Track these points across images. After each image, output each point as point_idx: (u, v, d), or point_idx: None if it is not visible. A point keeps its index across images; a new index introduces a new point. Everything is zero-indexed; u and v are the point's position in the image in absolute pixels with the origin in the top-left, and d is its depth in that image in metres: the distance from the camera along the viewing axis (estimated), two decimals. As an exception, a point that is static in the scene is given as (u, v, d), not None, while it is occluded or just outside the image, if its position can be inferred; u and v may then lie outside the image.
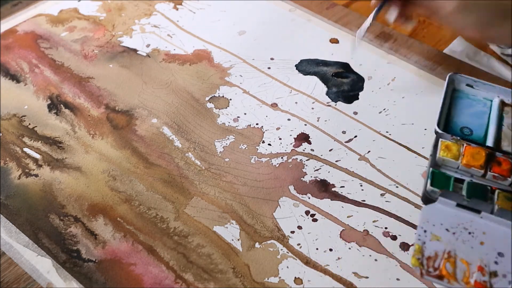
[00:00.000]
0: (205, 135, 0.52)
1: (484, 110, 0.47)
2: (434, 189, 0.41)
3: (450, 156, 0.42)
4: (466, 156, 0.42)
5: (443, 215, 0.39)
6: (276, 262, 0.43)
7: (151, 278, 0.42)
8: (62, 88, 0.57)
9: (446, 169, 0.43)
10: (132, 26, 0.65)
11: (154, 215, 0.46)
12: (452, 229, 0.38)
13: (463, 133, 0.45)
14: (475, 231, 0.38)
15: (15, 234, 0.45)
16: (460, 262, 0.37)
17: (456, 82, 0.48)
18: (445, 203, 0.40)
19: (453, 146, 0.43)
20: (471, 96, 0.48)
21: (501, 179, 0.41)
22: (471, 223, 0.39)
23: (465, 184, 0.41)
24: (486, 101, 0.47)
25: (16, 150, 0.51)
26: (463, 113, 0.47)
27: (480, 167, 0.42)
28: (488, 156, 0.42)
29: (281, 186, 0.48)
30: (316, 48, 0.61)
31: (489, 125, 0.45)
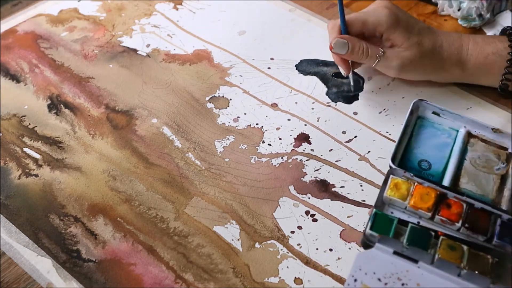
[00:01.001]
0: (205, 135, 0.52)
1: (448, 141, 0.44)
2: (373, 234, 0.38)
3: (397, 196, 0.40)
4: (415, 196, 0.39)
5: (378, 262, 0.36)
6: (276, 262, 0.43)
7: (151, 278, 0.42)
8: (62, 88, 0.57)
9: (394, 209, 0.40)
10: (132, 26, 0.65)
11: (154, 215, 0.46)
12: (385, 279, 0.36)
13: (421, 167, 0.43)
14: (409, 282, 0.36)
15: (15, 234, 0.45)
16: None
17: (421, 109, 0.46)
18: (382, 249, 0.37)
19: (403, 184, 0.40)
20: (436, 125, 0.45)
21: (449, 223, 0.39)
22: (406, 273, 0.36)
23: (407, 230, 0.38)
24: (452, 131, 0.45)
25: (16, 150, 0.51)
26: (425, 144, 0.44)
27: (427, 210, 0.39)
28: (439, 197, 0.40)
29: (281, 186, 0.48)
30: (316, 48, 0.61)
31: (450, 159, 0.43)
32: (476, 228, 0.38)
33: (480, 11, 0.60)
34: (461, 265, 0.36)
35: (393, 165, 0.41)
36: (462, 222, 0.39)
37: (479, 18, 0.61)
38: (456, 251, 0.37)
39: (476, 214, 0.39)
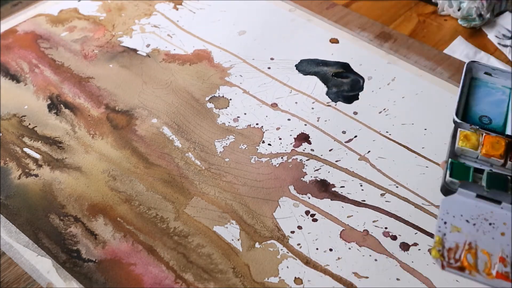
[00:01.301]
0: (205, 135, 0.53)
1: (503, 98, 0.46)
2: (453, 180, 0.40)
3: (469, 146, 0.41)
4: (486, 145, 0.41)
5: (463, 206, 0.38)
6: (276, 262, 0.43)
7: (151, 278, 0.42)
8: (62, 88, 0.57)
9: (465, 159, 0.42)
10: (132, 26, 0.65)
11: (154, 215, 0.46)
12: (473, 220, 0.38)
13: (482, 122, 0.44)
14: (496, 221, 0.38)
15: (15, 234, 0.45)
16: (481, 253, 0.36)
17: (474, 71, 0.47)
18: (464, 194, 0.39)
19: (472, 135, 0.42)
20: (490, 84, 0.47)
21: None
22: (492, 214, 0.38)
23: (484, 175, 0.40)
24: (505, 89, 0.46)
25: (16, 150, 0.51)
26: (482, 102, 0.45)
27: (500, 157, 0.41)
28: (508, 145, 0.41)
29: (281, 186, 0.48)
30: (316, 48, 0.61)
31: (508, 113, 0.45)
32: None
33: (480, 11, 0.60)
34: None
35: (458, 119, 0.43)
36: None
37: (479, 18, 0.61)
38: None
39: None
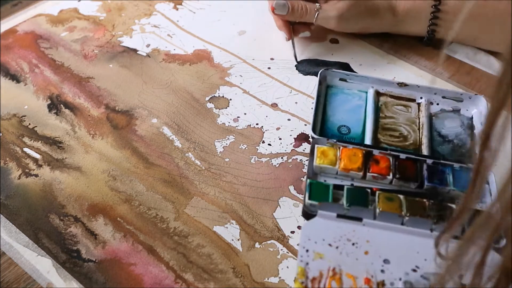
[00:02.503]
0: (205, 135, 0.52)
1: (360, 103, 0.45)
2: (312, 203, 0.38)
3: (327, 163, 0.40)
4: (343, 159, 0.40)
5: (324, 229, 0.37)
6: (276, 262, 0.43)
7: (151, 278, 0.42)
8: (62, 88, 0.57)
9: (326, 176, 0.41)
10: (132, 26, 0.65)
11: (154, 215, 0.46)
12: (335, 243, 0.36)
13: (341, 132, 0.43)
14: (359, 240, 0.36)
15: (15, 234, 0.45)
16: (346, 277, 0.35)
17: (329, 78, 0.46)
18: (324, 216, 0.37)
19: (329, 150, 0.41)
20: (346, 90, 0.46)
21: (381, 178, 0.40)
22: (354, 233, 0.37)
23: (344, 192, 0.39)
24: (361, 94, 0.46)
25: (16, 150, 0.51)
26: (339, 110, 0.45)
27: (358, 170, 0.40)
28: (366, 156, 0.40)
29: (281, 186, 0.48)
30: (316, 48, 0.61)
31: (366, 120, 0.44)
32: (406, 177, 0.39)
33: None
34: (402, 213, 0.37)
35: (315, 135, 0.42)
36: (392, 174, 0.40)
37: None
38: (394, 202, 0.38)
39: (403, 164, 0.40)
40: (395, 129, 0.43)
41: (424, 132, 0.43)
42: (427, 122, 0.43)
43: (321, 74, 0.45)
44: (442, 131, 0.44)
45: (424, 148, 0.42)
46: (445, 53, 0.57)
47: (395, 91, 0.46)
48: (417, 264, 0.35)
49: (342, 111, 0.45)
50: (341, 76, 0.46)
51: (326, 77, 0.46)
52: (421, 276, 0.35)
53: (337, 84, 0.46)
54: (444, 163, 0.40)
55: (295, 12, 0.56)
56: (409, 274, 0.35)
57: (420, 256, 0.36)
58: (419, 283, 0.34)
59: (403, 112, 0.45)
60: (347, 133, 0.44)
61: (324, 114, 0.44)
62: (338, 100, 0.46)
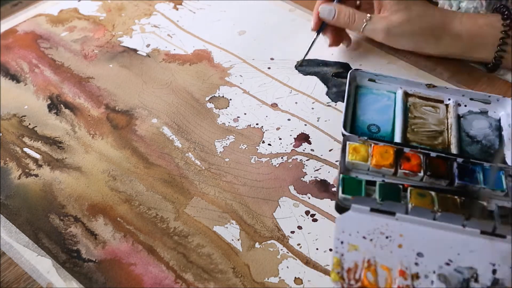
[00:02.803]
0: (205, 135, 0.52)
1: (388, 103, 0.46)
2: (346, 197, 0.39)
3: (359, 159, 0.41)
4: (375, 156, 0.41)
5: (358, 222, 0.37)
6: (276, 262, 0.43)
7: (151, 278, 0.42)
8: (62, 88, 0.57)
9: (358, 172, 0.41)
10: (132, 26, 0.65)
11: (154, 215, 0.46)
12: (369, 236, 0.37)
13: (371, 131, 0.44)
14: (392, 234, 0.37)
15: (15, 234, 0.45)
16: (380, 269, 0.35)
17: (358, 78, 0.47)
18: (358, 210, 0.38)
19: (361, 147, 0.41)
20: (375, 91, 0.47)
21: (412, 175, 0.40)
22: (387, 227, 0.37)
23: (377, 187, 0.39)
24: (390, 94, 0.46)
25: (16, 150, 0.51)
26: (369, 110, 0.45)
27: (390, 166, 0.40)
28: (397, 153, 0.41)
29: (281, 186, 0.48)
30: (316, 48, 0.61)
31: (395, 119, 0.44)
32: (437, 174, 0.40)
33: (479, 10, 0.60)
34: (434, 208, 0.38)
35: (346, 132, 0.42)
36: (423, 171, 0.40)
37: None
38: (426, 198, 0.39)
39: (434, 162, 0.41)
40: (424, 129, 0.44)
41: (452, 132, 0.44)
42: (456, 123, 0.44)
43: (350, 75, 0.46)
44: (471, 132, 0.44)
45: (453, 148, 0.43)
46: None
47: (424, 92, 0.46)
48: (450, 258, 0.36)
49: (372, 110, 0.46)
50: (370, 76, 0.47)
51: (356, 77, 0.47)
52: (454, 269, 0.35)
53: (366, 85, 0.47)
54: (474, 161, 0.41)
55: (341, 19, 0.54)
56: (442, 268, 0.36)
57: (453, 250, 0.36)
58: (453, 276, 0.35)
59: (432, 112, 0.45)
60: (377, 131, 0.44)
61: (354, 113, 0.45)
62: (367, 100, 0.46)
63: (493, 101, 0.45)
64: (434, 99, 0.46)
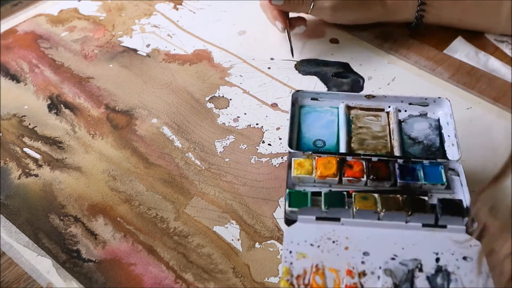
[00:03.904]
0: (205, 135, 0.52)
1: (332, 118, 0.48)
2: (293, 209, 0.40)
3: (303, 173, 0.42)
4: (319, 168, 0.42)
5: (305, 232, 0.39)
6: (276, 262, 0.43)
7: (151, 278, 0.42)
8: (62, 88, 0.57)
9: (305, 186, 0.43)
10: (132, 26, 0.65)
11: (154, 215, 0.46)
12: (316, 243, 0.38)
13: (316, 146, 0.46)
14: (339, 238, 0.39)
15: (15, 234, 0.45)
16: (328, 271, 0.37)
17: (300, 99, 0.49)
18: (305, 220, 0.39)
19: (305, 162, 0.43)
20: (318, 108, 0.49)
21: (356, 181, 0.42)
22: (334, 232, 0.39)
23: (322, 196, 0.41)
24: (333, 109, 0.48)
25: (16, 150, 0.51)
26: (314, 127, 0.47)
27: (333, 175, 0.42)
28: (340, 163, 0.43)
29: (281, 186, 0.48)
30: (316, 48, 0.61)
31: (339, 132, 0.46)
32: (380, 177, 0.42)
33: None
34: (378, 209, 0.39)
35: (291, 150, 0.44)
36: (366, 175, 0.42)
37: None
38: (369, 200, 0.40)
39: (376, 165, 0.43)
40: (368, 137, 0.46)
41: (394, 136, 0.46)
42: (397, 128, 0.46)
43: (293, 96, 0.48)
44: (412, 134, 0.46)
45: (396, 151, 0.45)
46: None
47: (364, 104, 0.48)
48: (395, 253, 0.38)
49: (316, 127, 0.48)
50: (312, 95, 0.49)
51: (298, 98, 0.48)
52: (399, 263, 0.37)
53: (309, 103, 0.49)
54: (414, 160, 0.43)
55: (291, 3, 0.57)
56: (388, 263, 0.37)
57: (397, 246, 0.38)
58: (398, 269, 0.37)
59: (374, 121, 0.48)
60: (322, 146, 0.46)
61: (299, 131, 0.47)
62: (311, 118, 0.48)
63: (430, 103, 0.47)
64: (375, 109, 0.48)
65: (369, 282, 0.36)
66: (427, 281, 0.36)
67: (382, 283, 0.36)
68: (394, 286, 0.36)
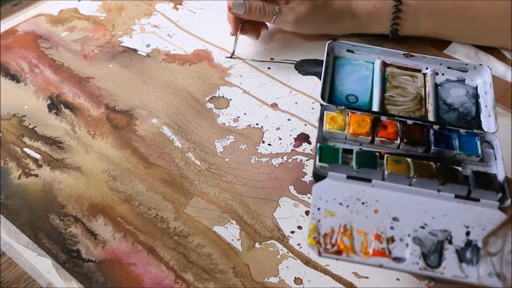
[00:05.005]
0: (205, 135, 0.52)
1: (366, 73, 0.46)
2: (323, 165, 0.39)
3: (336, 128, 0.41)
4: (352, 124, 0.41)
5: (334, 190, 0.38)
6: (276, 262, 0.43)
7: (151, 278, 0.42)
8: (62, 88, 0.57)
9: (335, 141, 0.42)
10: (132, 26, 0.65)
11: (154, 215, 0.46)
12: (346, 202, 0.37)
13: (349, 101, 0.45)
14: (368, 200, 0.38)
15: (15, 234, 0.45)
16: (356, 233, 0.36)
17: (336, 49, 0.47)
18: (335, 177, 0.38)
19: (338, 116, 0.42)
20: (353, 61, 0.47)
21: (389, 142, 0.41)
22: (363, 193, 0.38)
23: (354, 154, 0.40)
24: (368, 64, 0.47)
25: (16, 150, 0.51)
26: (347, 80, 0.46)
27: (366, 134, 0.41)
28: (374, 121, 0.42)
29: (281, 186, 0.48)
30: (316, 48, 0.61)
31: (373, 89, 0.45)
32: (413, 141, 0.41)
33: None
34: (410, 175, 0.38)
35: (324, 102, 0.43)
36: (400, 138, 0.41)
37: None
38: (402, 164, 0.39)
39: (410, 129, 0.41)
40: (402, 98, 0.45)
41: (430, 100, 0.44)
42: (433, 91, 0.45)
43: (328, 45, 0.46)
44: (448, 100, 0.45)
45: (430, 116, 0.43)
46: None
47: (401, 62, 0.47)
48: (425, 222, 0.37)
49: (350, 81, 0.46)
50: (348, 47, 0.47)
51: (334, 48, 0.47)
52: (429, 232, 0.36)
53: (345, 55, 0.48)
54: (450, 128, 0.42)
55: (252, 13, 0.56)
56: (417, 231, 0.36)
57: (427, 214, 0.37)
58: (428, 239, 0.36)
59: (409, 82, 0.46)
60: (355, 101, 0.45)
61: (332, 84, 0.46)
62: (345, 71, 0.47)
63: (470, 69, 0.46)
64: (412, 69, 0.47)
65: (397, 248, 0.35)
66: (456, 254, 0.35)
67: (410, 251, 0.35)
68: (422, 256, 0.35)
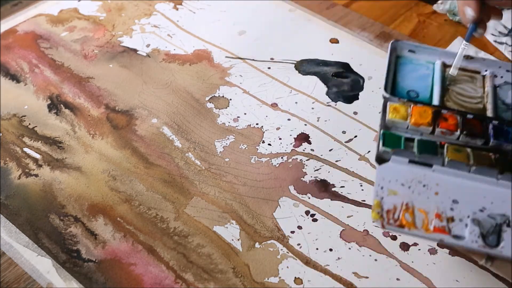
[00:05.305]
0: (205, 135, 0.53)
1: (427, 73, 0.48)
2: (386, 149, 0.41)
3: (399, 117, 0.43)
4: (414, 115, 0.43)
5: (397, 172, 0.40)
6: (276, 262, 0.43)
7: (151, 278, 0.42)
8: (62, 88, 0.57)
9: (397, 130, 0.44)
10: (132, 26, 0.65)
11: (154, 215, 0.46)
12: (407, 184, 0.40)
13: (410, 96, 0.46)
14: (429, 183, 0.40)
15: (15, 234, 0.45)
16: (418, 211, 0.38)
17: (398, 49, 0.49)
18: (397, 161, 0.41)
19: (401, 107, 0.44)
20: (414, 61, 0.49)
21: (449, 133, 0.42)
22: (424, 177, 0.40)
23: (415, 142, 0.42)
24: (429, 64, 0.49)
25: (16, 150, 0.51)
26: (408, 78, 0.48)
27: (428, 124, 0.43)
28: (435, 114, 0.43)
29: (281, 186, 0.48)
30: (316, 48, 0.61)
31: (434, 86, 0.46)
32: (473, 134, 0.42)
33: None
34: (470, 162, 0.40)
35: (387, 94, 0.44)
36: (460, 130, 0.42)
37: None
38: (462, 153, 0.41)
39: (471, 122, 0.43)
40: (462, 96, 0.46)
41: (488, 99, 0.46)
42: (492, 91, 0.46)
43: (391, 45, 0.49)
44: (506, 100, 0.46)
45: (489, 113, 0.45)
46: None
47: (461, 64, 0.48)
48: (484, 206, 0.38)
49: (411, 78, 0.48)
50: (410, 47, 0.49)
51: (396, 48, 0.48)
52: (488, 215, 0.38)
53: (406, 55, 0.49)
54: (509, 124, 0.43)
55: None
56: (476, 213, 0.38)
57: (486, 200, 0.39)
58: (486, 221, 0.38)
59: (469, 82, 0.48)
60: (415, 96, 0.46)
61: (394, 80, 0.47)
62: (406, 69, 0.48)
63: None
64: (472, 70, 0.48)
65: (456, 228, 0.37)
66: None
67: (469, 231, 0.37)
68: (481, 236, 0.37)
